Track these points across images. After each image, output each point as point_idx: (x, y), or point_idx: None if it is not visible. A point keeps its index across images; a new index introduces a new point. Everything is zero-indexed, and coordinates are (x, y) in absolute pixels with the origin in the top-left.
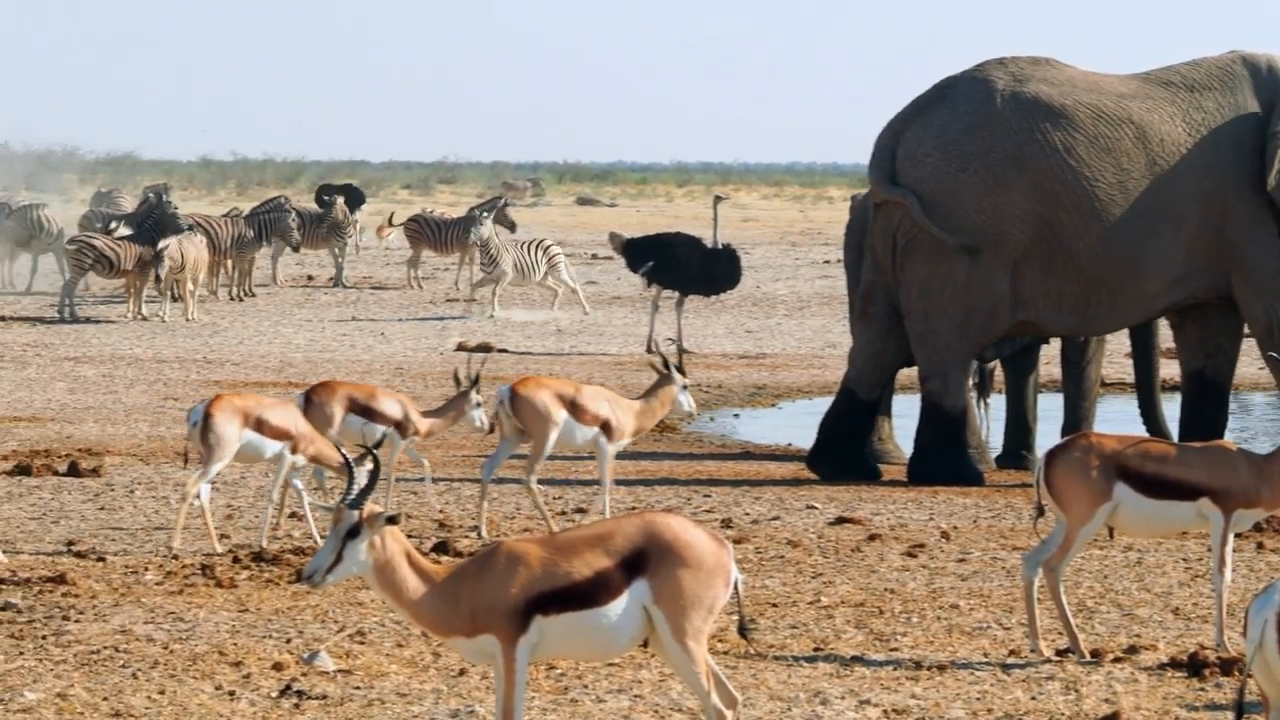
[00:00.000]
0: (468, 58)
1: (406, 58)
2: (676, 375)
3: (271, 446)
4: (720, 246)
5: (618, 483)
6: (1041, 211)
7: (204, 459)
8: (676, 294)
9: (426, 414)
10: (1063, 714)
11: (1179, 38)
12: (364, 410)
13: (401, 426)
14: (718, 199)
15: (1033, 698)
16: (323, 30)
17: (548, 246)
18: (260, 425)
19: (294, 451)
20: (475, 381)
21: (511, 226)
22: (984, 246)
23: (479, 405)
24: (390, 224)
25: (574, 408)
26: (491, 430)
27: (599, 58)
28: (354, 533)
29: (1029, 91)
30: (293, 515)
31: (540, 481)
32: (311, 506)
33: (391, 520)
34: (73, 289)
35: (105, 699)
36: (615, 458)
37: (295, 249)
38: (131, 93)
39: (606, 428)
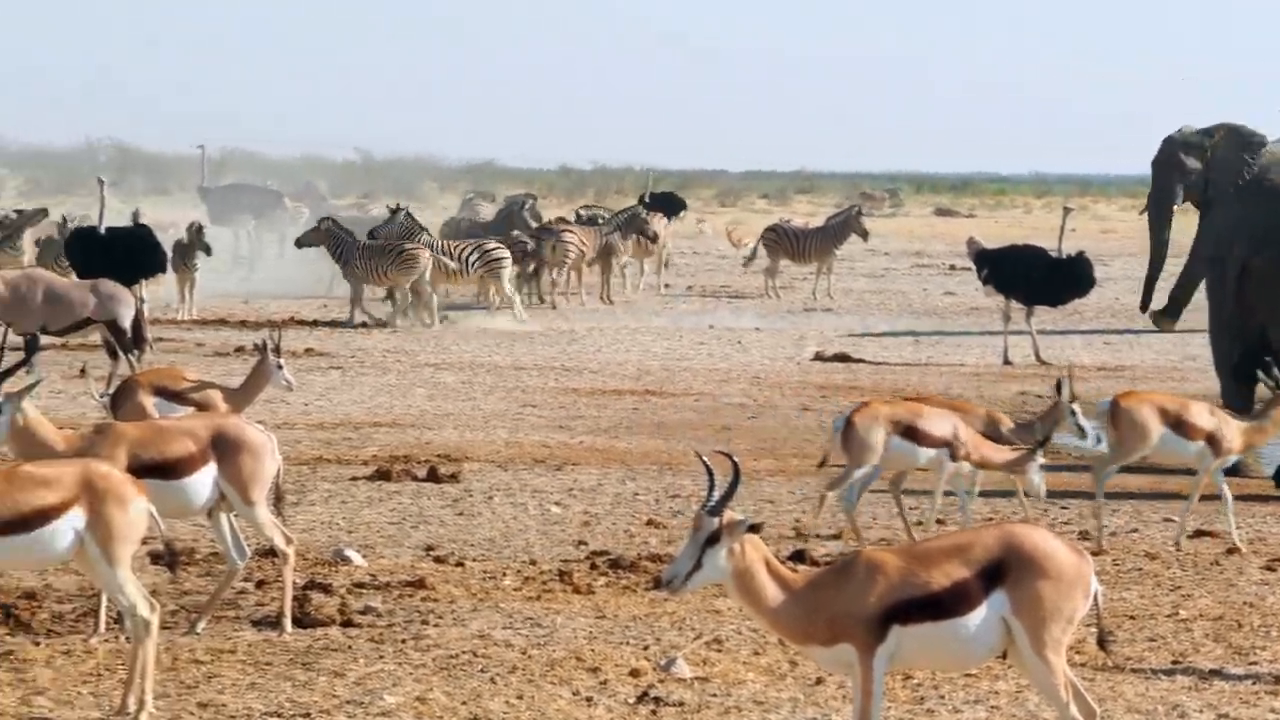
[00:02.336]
0: (828, 67)
1: (767, 67)
2: None
3: (925, 453)
4: (1067, 256)
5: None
6: None
7: (848, 464)
8: (1024, 305)
9: (1020, 426)
10: None
11: None
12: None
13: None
14: (1066, 210)
15: None
16: (683, 41)
17: (487, 250)
18: (911, 432)
19: (954, 458)
20: (1058, 388)
21: (864, 235)
22: None
23: (1075, 413)
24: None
25: (1179, 423)
26: (1098, 440)
27: (958, 68)
28: (714, 539)
29: None
30: (649, 523)
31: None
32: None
33: (753, 528)
34: (429, 297)
35: (464, 703)
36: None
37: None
38: (492, 101)
39: (1212, 442)
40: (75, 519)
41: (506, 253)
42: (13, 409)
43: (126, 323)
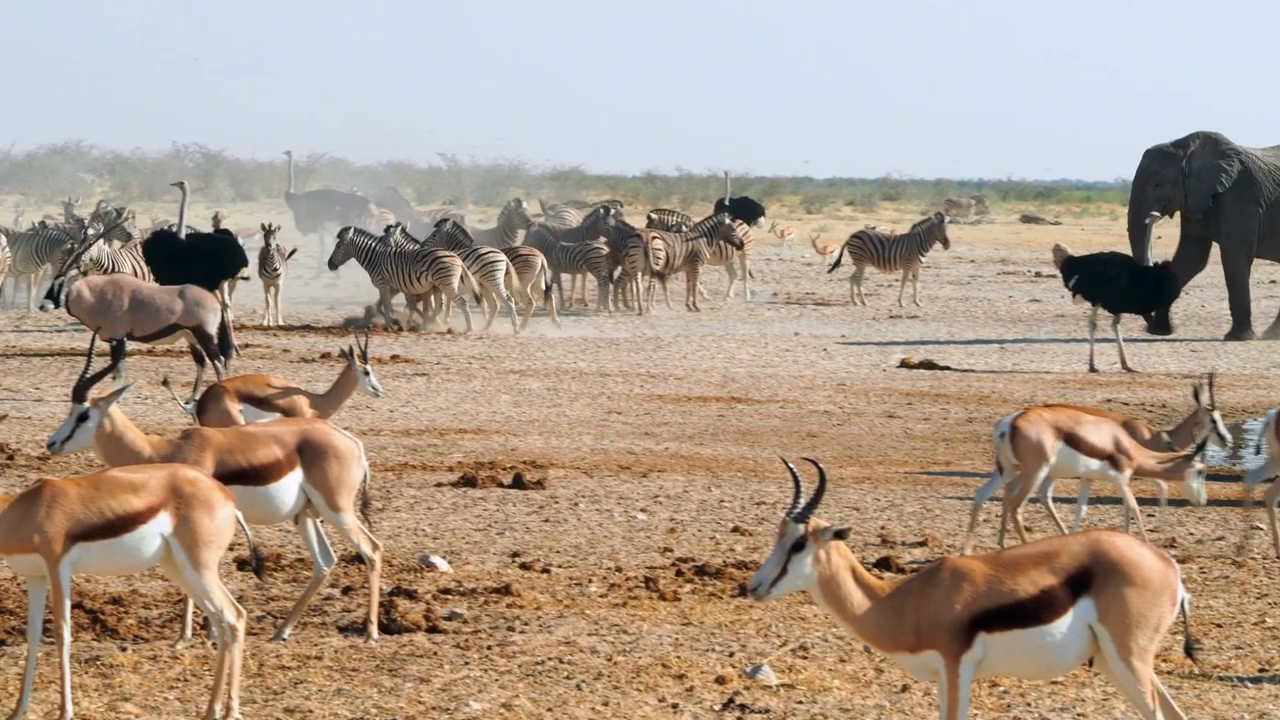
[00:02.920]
0: (913, 74)
1: (851, 73)
2: None
3: (1086, 461)
4: (1153, 264)
5: (1063, 501)
6: None
7: (1023, 471)
8: (1111, 313)
9: (1171, 432)
10: None
11: None
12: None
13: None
14: (1152, 216)
15: None
16: (767, 46)
17: (481, 256)
18: (1074, 440)
19: (1117, 469)
20: (1196, 395)
21: (945, 244)
22: None
23: (1215, 421)
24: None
25: None
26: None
27: (1043, 75)
28: (799, 546)
29: None
30: (735, 530)
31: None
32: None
33: (839, 535)
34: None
35: (549, 710)
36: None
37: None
38: (578, 108)
39: None
40: (162, 524)
41: (502, 258)
42: (100, 415)
43: (213, 328)
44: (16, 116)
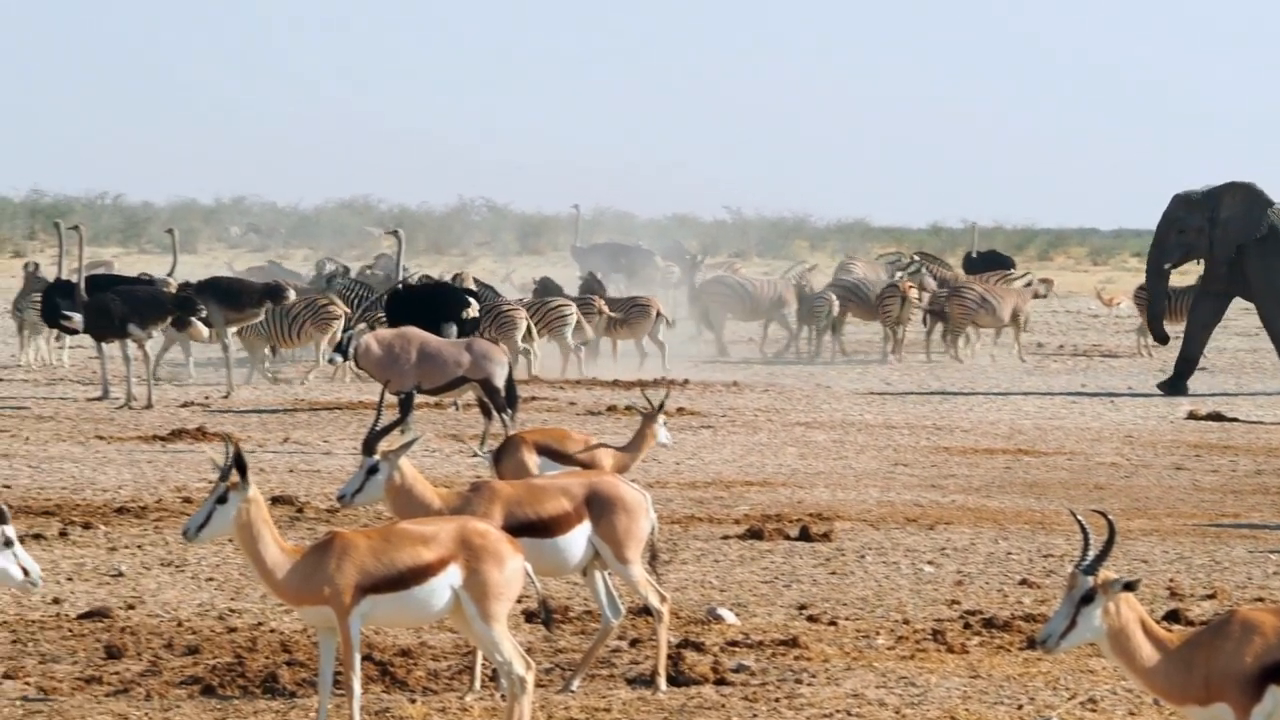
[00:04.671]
0: (1201, 122)
1: (1134, 123)
2: None
3: None
4: None
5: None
6: None
7: None
8: None
9: None
10: None
11: None
12: None
13: None
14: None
15: None
16: (1049, 97)
17: (551, 306)
18: None
19: None
20: None
21: None
22: None
23: None
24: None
25: None
26: None
27: None
28: (1089, 598)
29: None
30: (1023, 582)
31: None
32: None
33: (1128, 587)
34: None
35: None
36: None
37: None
38: (863, 158)
39: None
40: (452, 577)
41: (572, 310)
42: (390, 467)
43: (500, 381)
44: (306, 172)
